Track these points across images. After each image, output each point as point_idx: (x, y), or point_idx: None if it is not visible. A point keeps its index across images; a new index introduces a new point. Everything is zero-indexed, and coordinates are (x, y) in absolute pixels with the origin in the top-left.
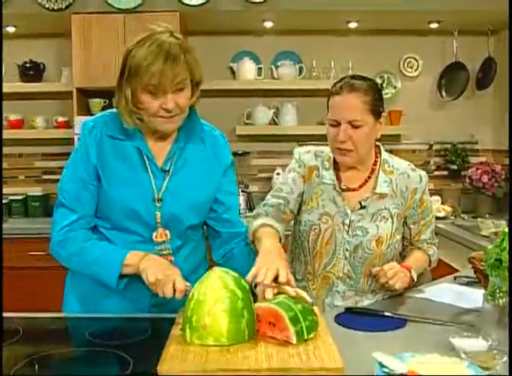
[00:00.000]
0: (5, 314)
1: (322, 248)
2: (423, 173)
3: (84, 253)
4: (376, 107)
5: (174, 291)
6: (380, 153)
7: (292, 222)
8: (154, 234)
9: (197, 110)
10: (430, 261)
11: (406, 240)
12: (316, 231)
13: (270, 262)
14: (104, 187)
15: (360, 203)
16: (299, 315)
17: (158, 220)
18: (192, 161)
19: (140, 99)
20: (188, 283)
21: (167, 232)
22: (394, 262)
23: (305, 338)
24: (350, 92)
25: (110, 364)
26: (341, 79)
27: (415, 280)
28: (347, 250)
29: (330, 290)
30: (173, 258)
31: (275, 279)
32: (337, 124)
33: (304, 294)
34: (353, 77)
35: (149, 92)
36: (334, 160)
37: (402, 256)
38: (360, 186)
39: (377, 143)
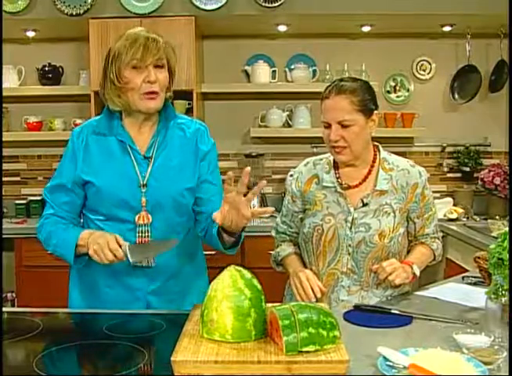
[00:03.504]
0: (25, 309)
1: (326, 247)
2: (422, 169)
3: (50, 236)
4: (366, 106)
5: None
6: (378, 151)
7: None
8: (137, 217)
9: (209, 111)
10: (434, 255)
11: (411, 235)
12: (319, 231)
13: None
14: (93, 184)
15: (362, 200)
16: (296, 324)
17: (143, 204)
18: (174, 147)
19: (124, 75)
20: (123, 242)
21: (150, 216)
22: (398, 257)
23: (299, 349)
24: (337, 94)
25: (126, 356)
26: (332, 83)
27: (417, 275)
28: (349, 245)
29: (336, 285)
30: (149, 240)
31: None
32: (329, 126)
33: None
34: (341, 79)
35: (132, 67)
36: (334, 162)
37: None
38: (360, 183)
39: (376, 143)
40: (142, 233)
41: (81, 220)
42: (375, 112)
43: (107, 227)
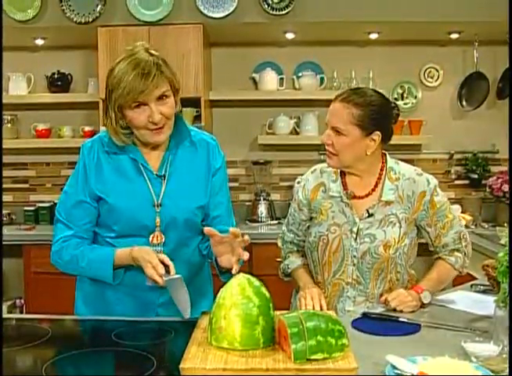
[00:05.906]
0: (34, 316)
1: (331, 257)
2: (431, 176)
3: (76, 260)
4: (366, 123)
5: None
6: (386, 161)
7: None
8: (151, 237)
9: (217, 119)
10: (454, 269)
11: (430, 245)
12: (324, 241)
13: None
14: (107, 202)
15: (367, 211)
16: (304, 332)
17: (157, 224)
18: (186, 165)
19: (127, 115)
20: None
21: (163, 235)
22: (404, 268)
23: (308, 357)
24: (341, 102)
25: (135, 363)
26: (349, 89)
27: (425, 302)
28: (354, 256)
29: (341, 296)
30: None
31: None
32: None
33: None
34: (358, 88)
35: (133, 108)
36: (341, 170)
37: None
38: (367, 195)
39: (383, 152)
40: (156, 252)
41: None
42: (377, 133)
43: (118, 245)
